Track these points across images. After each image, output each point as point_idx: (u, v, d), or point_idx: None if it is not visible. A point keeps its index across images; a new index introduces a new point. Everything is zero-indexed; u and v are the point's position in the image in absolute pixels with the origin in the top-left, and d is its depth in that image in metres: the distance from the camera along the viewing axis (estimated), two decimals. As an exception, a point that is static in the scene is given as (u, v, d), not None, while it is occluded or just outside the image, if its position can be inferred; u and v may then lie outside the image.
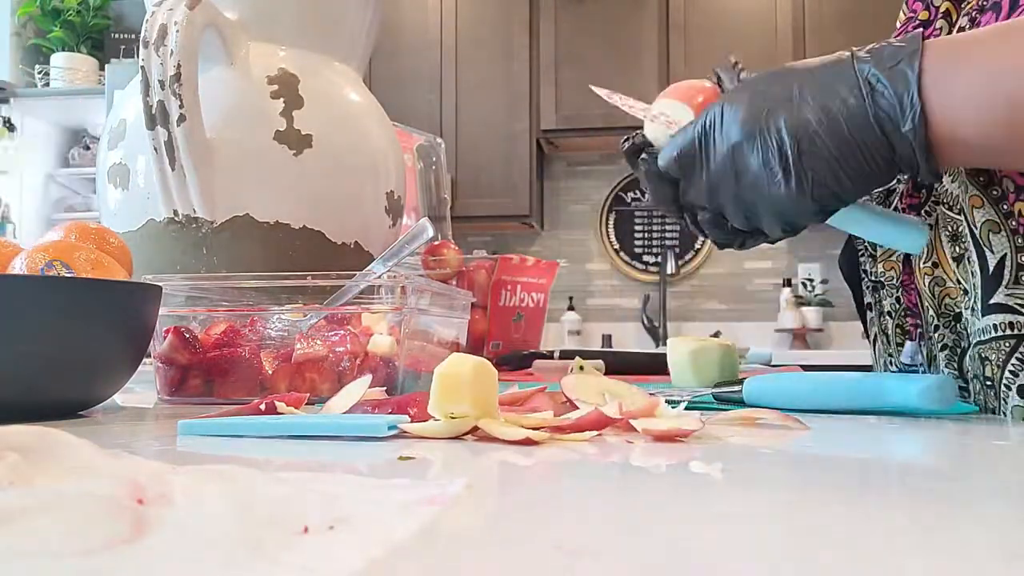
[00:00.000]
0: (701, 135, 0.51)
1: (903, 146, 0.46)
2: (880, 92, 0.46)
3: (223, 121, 0.79)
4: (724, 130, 0.50)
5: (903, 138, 0.46)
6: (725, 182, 0.50)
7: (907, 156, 0.46)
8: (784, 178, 0.48)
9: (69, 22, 3.07)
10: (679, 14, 3.09)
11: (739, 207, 0.51)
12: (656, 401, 0.45)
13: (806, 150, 0.47)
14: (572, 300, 3.38)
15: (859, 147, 0.46)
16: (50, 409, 0.49)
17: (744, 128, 0.49)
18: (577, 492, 0.29)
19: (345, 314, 0.64)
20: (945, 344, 0.60)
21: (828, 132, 0.47)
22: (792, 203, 0.48)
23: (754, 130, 0.49)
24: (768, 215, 0.50)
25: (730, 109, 0.50)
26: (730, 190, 0.50)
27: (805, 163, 0.47)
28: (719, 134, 0.50)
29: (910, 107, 0.45)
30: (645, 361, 1.02)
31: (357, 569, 0.17)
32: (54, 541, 0.17)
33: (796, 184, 0.48)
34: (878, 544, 0.21)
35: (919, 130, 0.45)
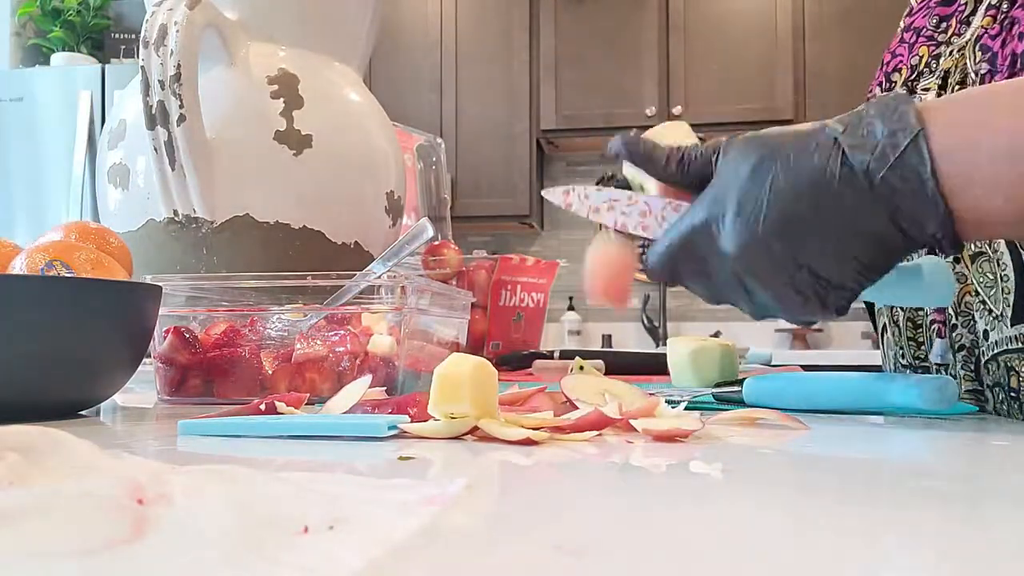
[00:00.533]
0: (693, 237, 0.44)
1: (924, 239, 0.41)
2: (889, 193, 0.40)
3: (223, 121, 0.79)
4: (721, 239, 0.43)
5: (925, 235, 0.40)
6: (734, 296, 0.45)
7: (928, 244, 0.41)
8: (799, 296, 0.43)
9: (69, 22, 3.06)
10: (679, 14, 3.09)
11: (750, 306, 0.46)
12: (656, 401, 0.45)
13: (816, 266, 0.42)
14: (572, 300, 3.38)
15: (875, 249, 0.41)
16: (50, 409, 0.49)
17: (741, 237, 0.42)
18: (577, 492, 0.29)
19: (345, 314, 0.64)
20: (962, 345, 0.59)
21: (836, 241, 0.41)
22: (812, 312, 0.44)
23: (752, 241, 0.42)
24: (784, 317, 0.46)
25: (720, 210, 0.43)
26: (740, 300, 0.45)
27: (817, 278, 0.42)
28: (712, 241, 0.44)
29: (933, 207, 0.39)
30: (645, 361, 1.02)
31: (357, 569, 0.17)
32: (54, 541, 0.17)
33: (816, 300, 0.43)
34: (878, 544, 0.21)
35: (947, 227, 0.39)
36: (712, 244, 0.43)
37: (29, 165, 2.74)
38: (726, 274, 0.44)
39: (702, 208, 0.44)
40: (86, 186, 2.62)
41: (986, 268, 0.56)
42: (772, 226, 0.41)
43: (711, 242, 0.43)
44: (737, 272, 0.43)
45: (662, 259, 0.46)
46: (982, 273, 0.56)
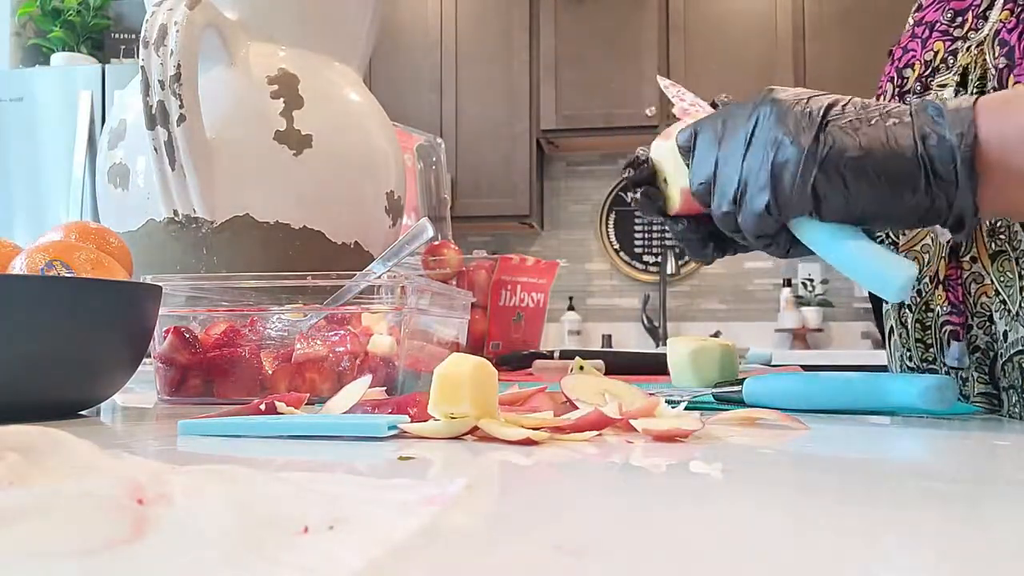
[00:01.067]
0: (726, 114, 0.48)
1: (943, 162, 0.41)
2: (931, 113, 0.42)
3: (223, 121, 0.79)
4: (754, 110, 0.46)
5: (945, 151, 0.41)
6: (734, 150, 0.46)
7: (946, 174, 0.41)
8: (801, 138, 0.43)
9: (69, 22, 3.06)
10: (679, 14, 3.09)
11: (734, 181, 0.46)
12: (656, 401, 0.45)
13: (837, 127, 0.42)
14: (572, 300, 3.38)
15: (894, 151, 0.42)
16: (50, 409, 0.49)
17: (775, 106, 0.45)
18: (577, 492, 0.29)
19: (345, 314, 0.64)
20: (977, 346, 0.59)
21: (864, 131, 0.42)
22: (795, 165, 0.43)
23: (787, 107, 0.44)
24: (760, 185, 0.45)
25: (764, 100, 0.46)
26: (736, 159, 0.46)
27: (829, 136, 0.42)
28: (744, 114, 0.46)
29: (959, 119, 0.41)
30: (645, 361, 1.02)
31: (357, 569, 0.17)
32: (54, 541, 0.17)
33: (811, 145, 0.43)
34: (878, 544, 0.21)
35: (967, 139, 0.41)
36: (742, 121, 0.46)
37: (29, 165, 2.74)
38: (742, 120, 0.46)
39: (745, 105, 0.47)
40: (86, 186, 2.62)
41: (1006, 267, 0.56)
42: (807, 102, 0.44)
43: (742, 120, 0.46)
44: (763, 109, 0.45)
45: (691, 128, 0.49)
46: (1002, 272, 0.56)
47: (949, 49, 0.63)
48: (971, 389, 0.60)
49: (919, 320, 0.64)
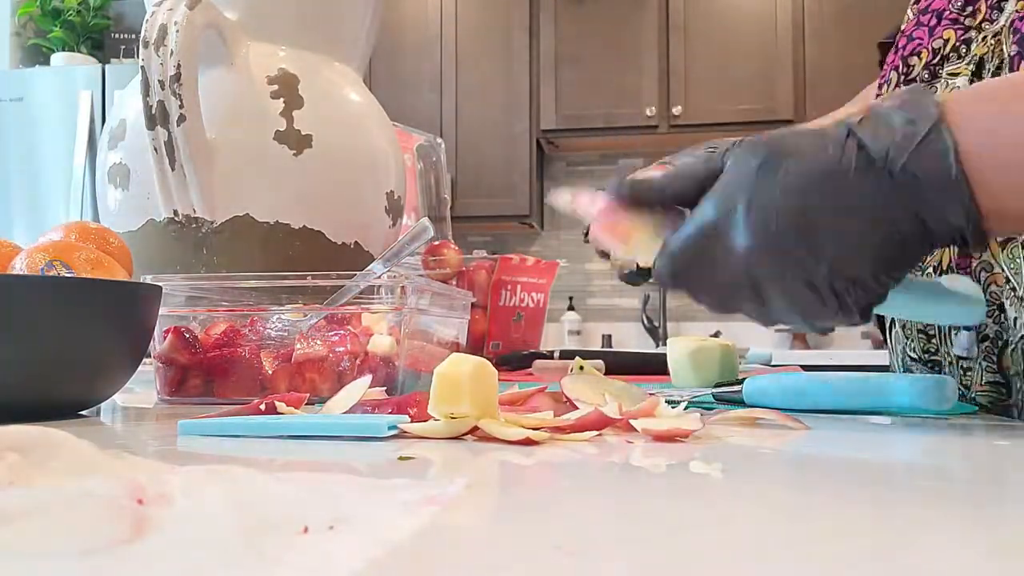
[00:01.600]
0: (702, 236, 0.42)
1: (948, 233, 0.39)
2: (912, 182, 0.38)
3: (223, 121, 0.79)
4: (731, 240, 0.41)
5: (949, 228, 0.39)
6: (746, 303, 0.43)
7: (954, 239, 0.39)
8: (817, 297, 0.41)
9: (69, 22, 3.06)
10: (679, 14, 3.09)
11: (761, 312, 0.44)
12: (656, 401, 0.45)
13: (833, 259, 0.40)
14: (572, 300, 3.38)
15: (896, 243, 0.39)
16: (50, 409, 0.49)
17: (752, 239, 0.40)
18: (577, 492, 0.29)
19: (345, 314, 0.64)
20: (986, 335, 0.58)
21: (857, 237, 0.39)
22: (829, 317, 0.41)
23: (767, 243, 0.40)
24: (799, 324, 0.43)
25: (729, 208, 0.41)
26: (751, 308, 0.43)
27: (836, 276, 0.40)
28: (724, 242, 0.41)
29: (958, 196, 0.38)
30: (645, 361, 1.02)
31: (357, 569, 0.17)
32: (54, 541, 0.17)
33: (834, 301, 0.40)
34: (878, 544, 0.21)
35: (973, 218, 0.38)
36: (722, 243, 0.41)
37: (29, 165, 2.74)
38: (738, 275, 0.41)
39: (711, 206, 0.42)
40: (86, 186, 2.62)
41: (1016, 253, 0.55)
42: (787, 219, 0.39)
43: (721, 241, 0.41)
44: (750, 271, 0.41)
45: (670, 262, 0.44)
46: (1012, 259, 0.55)
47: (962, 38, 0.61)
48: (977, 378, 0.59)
49: None
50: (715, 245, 0.42)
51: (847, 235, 0.39)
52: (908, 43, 0.66)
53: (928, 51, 0.64)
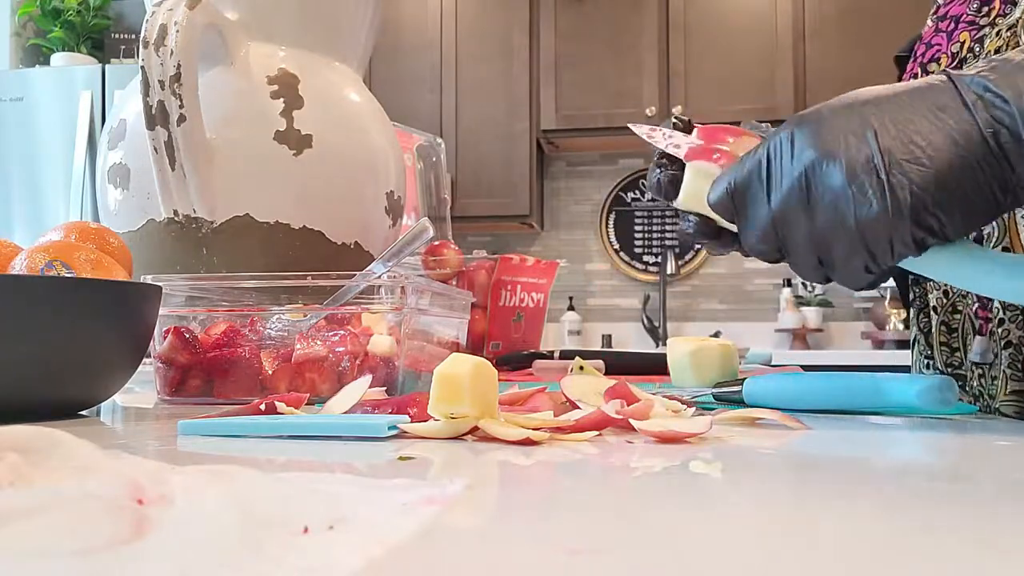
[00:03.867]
0: (763, 160, 0.42)
1: (1023, 161, 0.37)
2: (990, 100, 0.37)
3: (223, 121, 0.79)
4: (795, 152, 0.40)
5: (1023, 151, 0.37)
6: (794, 214, 0.41)
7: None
8: (876, 192, 0.38)
9: (69, 22, 3.06)
10: (679, 14, 3.09)
11: (809, 246, 0.41)
12: (652, 401, 0.45)
13: (901, 161, 0.38)
14: (572, 300, 3.38)
15: (968, 164, 0.37)
16: (50, 409, 0.49)
17: (821, 145, 0.40)
18: (577, 492, 0.29)
19: (345, 314, 0.64)
20: (1009, 341, 0.56)
21: (928, 144, 0.38)
22: (884, 227, 0.38)
23: (835, 144, 0.39)
24: (848, 249, 0.40)
25: (800, 131, 0.41)
26: (800, 223, 0.41)
27: (901, 175, 0.38)
28: (787, 158, 0.41)
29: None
30: (645, 361, 1.02)
31: (357, 569, 0.17)
32: (54, 541, 0.17)
33: (891, 199, 0.38)
34: (878, 544, 0.21)
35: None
36: (785, 157, 0.41)
37: (29, 165, 2.73)
38: (793, 179, 0.40)
39: (778, 130, 0.42)
40: (86, 186, 2.62)
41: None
42: (860, 122, 0.39)
43: (784, 156, 0.41)
44: (804, 175, 0.40)
45: (729, 178, 0.43)
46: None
47: (975, 38, 0.60)
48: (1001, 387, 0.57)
49: (944, 322, 0.62)
50: (777, 163, 0.41)
51: (915, 140, 0.38)
52: (927, 50, 0.65)
53: (947, 56, 0.63)
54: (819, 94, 2.97)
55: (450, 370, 0.39)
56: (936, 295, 0.63)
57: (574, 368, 0.79)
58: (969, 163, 0.37)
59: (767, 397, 0.54)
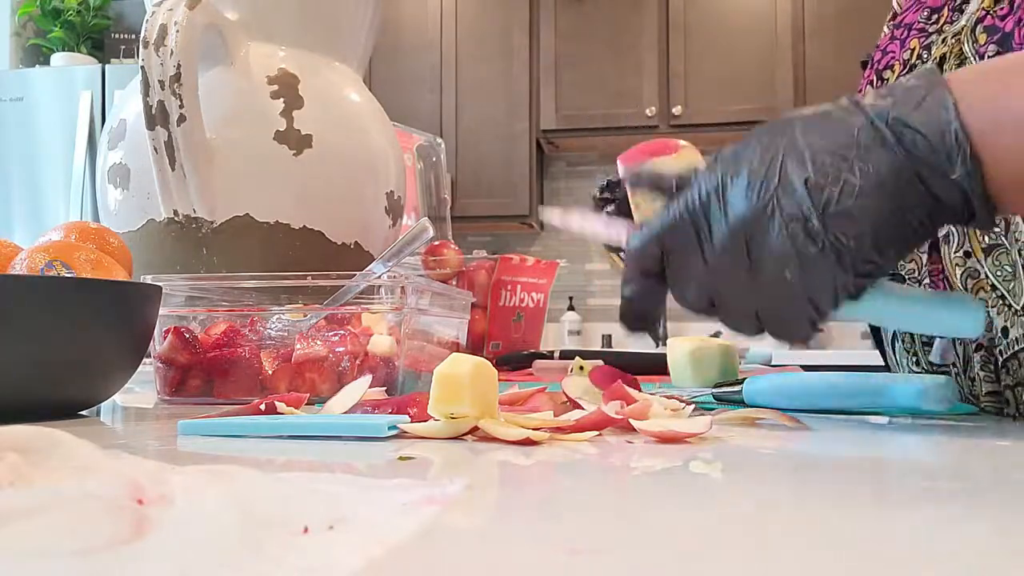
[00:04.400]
0: (692, 211, 0.41)
1: (952, 196, 0.37)
2: (911, 139, 0.37)
3: (223, 121, 0.79)
4: (727, 208, 0.40)
5: (952, 187, 0.37)
6: (732, 270, 0.41)
7: (957, 206, 0.38)
8: (819, 253, 0.38)
9: (69, 22, 3.06)
10: (679, 14, 3.09)
11: (749, 302, 0.41)
12: (650, 401, 0.45)
13: (835, 216, 0.38)
14: (572, 300, 3.38)
15: (898, 206, 0.38)
16: (50, 409, 0.49)
17: (753, 203, 0.39)
18: (577, 492, 0.29)
19: (345, 314, 0.64)
20: (980, 344, 0.56)
21: (857, 192, 0.38)
22: (828, 282, 0.39)
23: (768, 203, 0.39)
24: (792, 305, 0.40)
25: (732, 181, 0.40)
26: (739, 280, 0.41)
27: (839, 231, 0.38)
28: (717, 212, 0.40)
29: (956, 148, 0.37)
30: (645, 361, 1.02)
31: (357, 569, 0.17)
32: (54, 541, 0.17)
33: (836, 256, 0.38)
34: (878, 544, 0.21)
35: (974, 173, 0.36)
36: (715, 209, 0.40)
37: (29, 165, 2.73)
38: (725, 233, 0.40)
39: (706, 178, 0.41)
40: (86, 186, 2.62)
41: (1003, 260, 0.53)
42: (788, 173, 0.39)
43: (714, 208, 0.40)
44: (743, 231, 0.40)
45: (660, 223, 0.42)
46: (999, 266, 0.54)
47: (924, 44, 0.61)
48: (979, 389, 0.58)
49: None
50: (708, 210, 0.41)
51: (845, 189, 0.38)
52: (883, 57, 0.66)
53: (900, 63, 0.64)
54: (819, 94, 2.97)
55: (450, 370, 0.39)
56: None
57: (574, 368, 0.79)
58: (899, 205, 0.38)
59: (767, 397, 0.54)
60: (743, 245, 0.40)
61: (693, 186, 0.42)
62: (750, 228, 0.40)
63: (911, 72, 0.62)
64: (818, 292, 0.39)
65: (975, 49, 0.54)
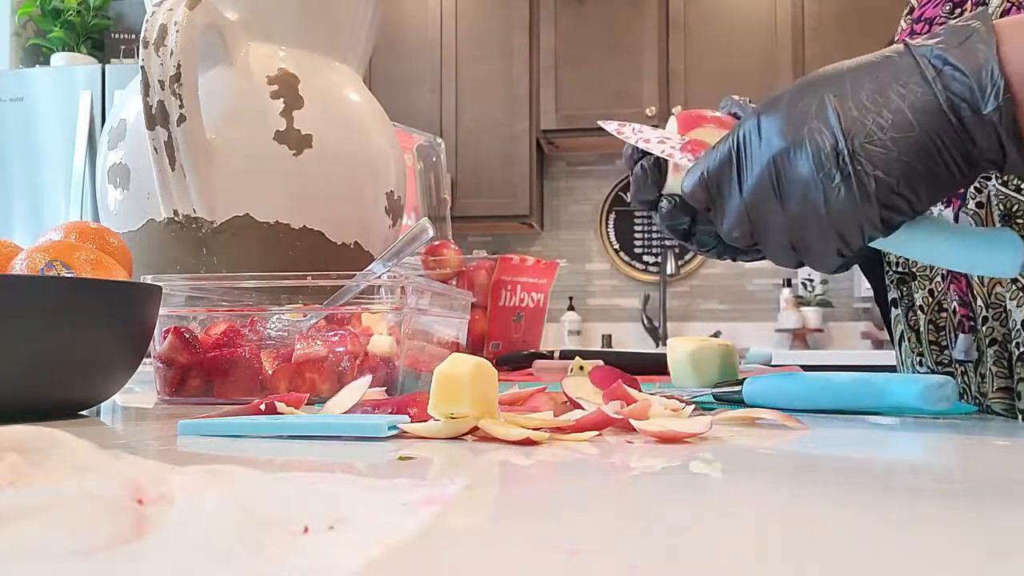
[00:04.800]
0: (733, 150, 0.43)
1: (984, 134, 0.37)
2: (949, 74, 0.38)
3: (223, 121, 0.79)
4: (763, 141, 0.41)
5: (984, 124, 0.37)
6: (766, 202, 0.42)
7: (991, 146, 0.38)
8: (843, 181, 0.39)
9: (69, 22, 3.06)
10: (679, 14, 3.09)
11: (782, 232, 0.42)
12: (650, 401, 0.45)
13: (865, 145, 0.39)
14: (572, 300, 3.38)
15: (930, 140, 0.38)
16: (50, 409, 0.49)
17: (787, 133, 0.41)
18: (577, 492, 0.29)
19: (345, 314, 0.64)
20: (994, 339, 0.56)
21: (890, 125, 0.38)
22: (853, 212, 0.39)
23: (800, 132, 0.40)
24: (820, 235, 0.41)
25: (767, 119, 0.42)
26: (773, 211, 0.42)
27: (866, 161, 0.39)
28: (755, 147, 0.42)
29: (990, 84, 0.36)
30: (645, 361, 1.02)
31: (357, 569, 0.17)
32: (54, 541, 0.17)
33: (858, 186, 0.39)
34: (878, 544, 0.21)
35: (1005, 110, 0.36)
36: (753, 143, 0.42)
37: (29, 165, 2.73)
38: (762, 167, 0.41)
39: (748, 117, 0.43)
40: (86, 186, 2.62)
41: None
42: (825, 107, 0.40)
43: (752, 142, 0.42)
44: (774, 160, 0.41)
45: (702, 167, 0.44)
46: None
47: None
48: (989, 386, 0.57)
49: (932, 321, 0.62)
50: (746, 151, 0.42)
51: (878, 121, 0.39)
52: None
53: None
54: (819, 94, 2.97)
55: (450, 370, 0.39)
56: (921, 294, 0.62)
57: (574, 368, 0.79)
58: (931, 140, 0.38)
59: (767, 397, 0.54)
60: (774, 174, 0.41)
61: (738, 126, 0.43)
62: (781, 157, 0.41)
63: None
64: (843, 222, 0.40)
65: None
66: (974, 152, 0.38)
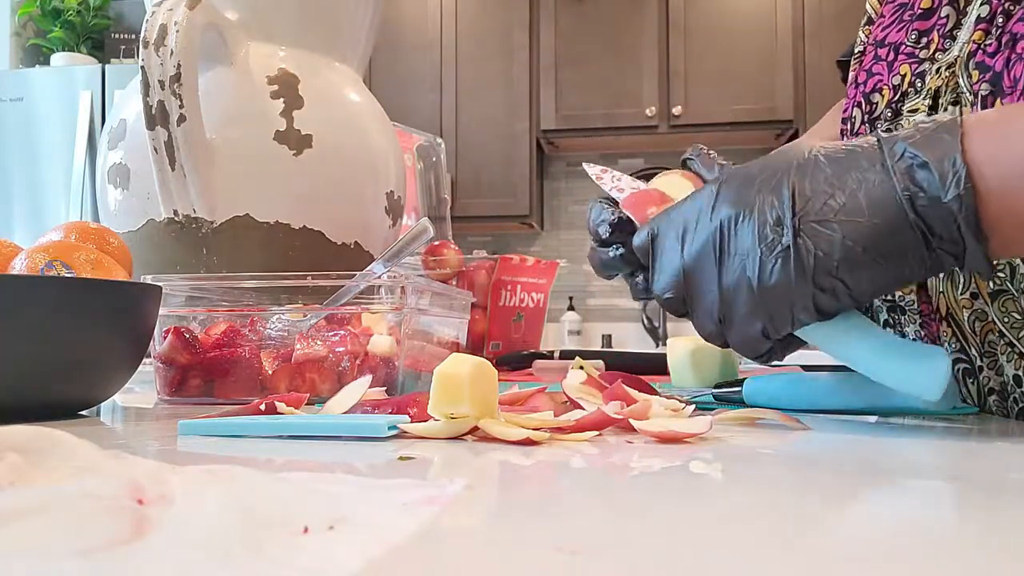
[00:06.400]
0: (685, 213, 0.43)
1: (943, 223, 0.36)
2: (910, 162, 0.37)
3: (223, 121, 0.79)
4: (716, 207, 0.41)
5: (943, 213, 0.36)
6: (704, 267, 0.41)
7: (949, 236, 0.36)
8: (781, 253, 0.38)
9: (69, 22, 3.07)
10: (679, 14, 3.09)
11: (714, 301, 0.41)
12: (650, 400, 0.45)
13: (812, 224, 0.38)
14: (572, 300, 3.38)
15: (879, 228, 0.37)
16: (50, 409, 0.49)
17: (739, 202, 0.40)
18: (577, 492, 0.29)
19: (345, 314, 0.64)
20: (992, 388, 0.55)
21: (841, 208, 0.38)
22: (785, 290, 0.39)
23: (752, 202, 0.40)
24: (749, 310, 0.40)
25: (727, 187, 0.41)
26: (709, 279, 0.41)
27: (809, 238, 0.38)
28: (705, 213, 0.41)
29: (951, 172, 0.36)
30: (645, 361, 1.02)
31: (357, 569, 0.17)
32: (54, 541, 0.17)
33: (795, 262, 0.38)
34: (878, 544, 0.21)
35: (966, 200, 0.35)
36: (704, 210, 0.42)
37: (29, 165, 2.74)
38: (707, 232, 0.41)
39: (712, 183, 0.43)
40: (86, 186, 2.62)
41: (1010, 307, 0.51)
42: (780, 183, 0.39)
43: (704, 210, 0.42)
44: (719, 228, 0.41)
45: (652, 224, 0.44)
46: (1006, 312, 0.52)
47: (916, 72, 0.59)
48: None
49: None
50: (697, 216, 0.42)
51: (830, 203, 0.38)
52: (868, 79, 0.63)
53: (889, 88, 0.61)
54: (819, 94, 2.97)
55: (450, 370, 0.39)
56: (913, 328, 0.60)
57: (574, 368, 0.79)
58: (880, 228, 0.37)
59: (767, 397, 0.54)
60: (718, 240, 0.41)
61: (700, 189, 0.43)
62: (728, 224, 0.40)
63: (902, 98, 0.60)
64: (774, 300, 0.39)
65: (970, 85, 0.53)
66: (932, 242, 0.37)
